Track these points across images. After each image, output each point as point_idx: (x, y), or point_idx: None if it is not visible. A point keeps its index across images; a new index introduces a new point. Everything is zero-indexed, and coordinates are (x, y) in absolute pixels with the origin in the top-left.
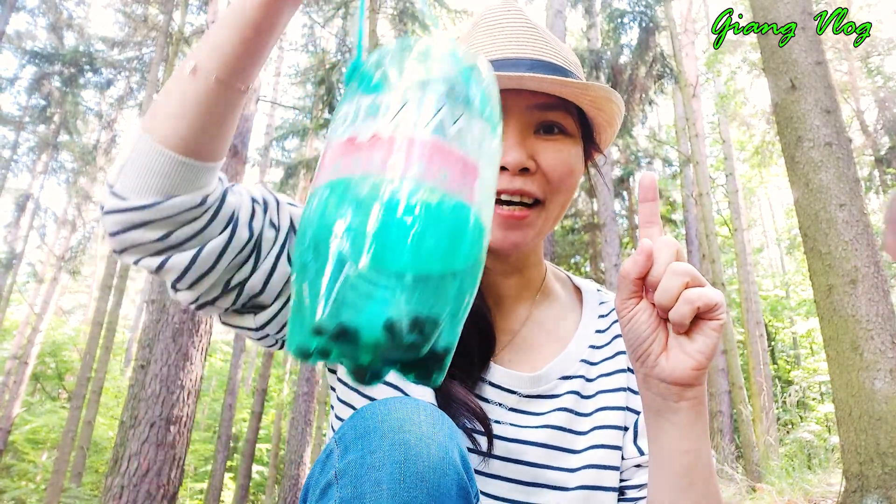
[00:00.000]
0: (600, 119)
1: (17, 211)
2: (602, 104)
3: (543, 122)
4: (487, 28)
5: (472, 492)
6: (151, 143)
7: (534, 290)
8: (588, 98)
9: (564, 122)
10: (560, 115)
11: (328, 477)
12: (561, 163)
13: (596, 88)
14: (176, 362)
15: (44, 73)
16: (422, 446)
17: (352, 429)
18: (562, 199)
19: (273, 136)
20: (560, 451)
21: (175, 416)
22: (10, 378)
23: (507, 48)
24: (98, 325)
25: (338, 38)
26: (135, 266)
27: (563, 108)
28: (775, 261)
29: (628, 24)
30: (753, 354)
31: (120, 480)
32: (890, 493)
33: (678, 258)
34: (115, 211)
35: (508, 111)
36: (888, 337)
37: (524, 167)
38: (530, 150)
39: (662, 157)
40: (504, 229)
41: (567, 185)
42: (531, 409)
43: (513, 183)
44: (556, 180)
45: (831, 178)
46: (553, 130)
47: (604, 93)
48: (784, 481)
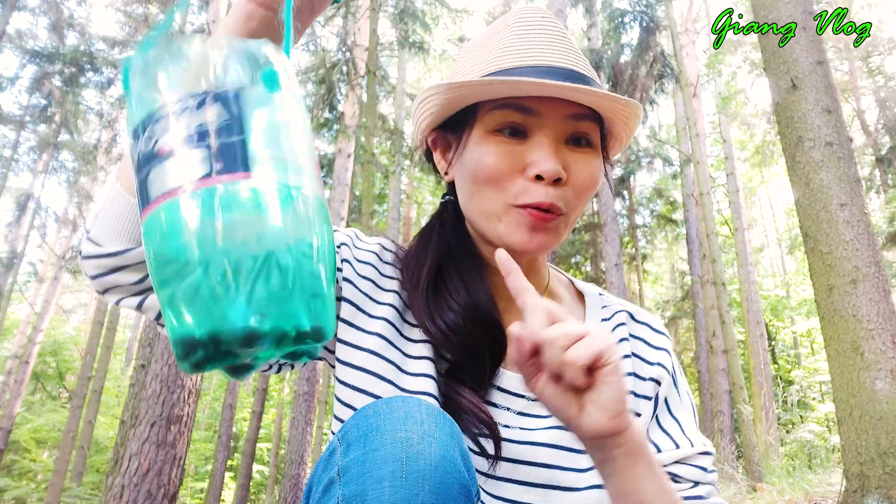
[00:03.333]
0: (622, 133)
1: (18, 210)
2: (633, 121)
3: (575, 133)
4: (522, 32)
5: (473, 490)
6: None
7: (540, 292)
8: (624, 114)
9: (592, 134)
10: (590, 126)
11: (331, 474)
12: (589, 176)
13: (634, 105)
14: (176, 362)
15: (45, 73)
16: (423, 445)
17: (355, 427)
18: (579, 210)
19: None
20: (569, 451)
21: (175, 415)
22: (12, 377)
23: (543, 55)
24: (99, 324)
25: (338, 38)
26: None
27: (592, 119)
28: (776, 260)
29: (629, 23)
30: (754, 354)
31: (120, 480)
32: (891, 494)
33: (551, 320)
34: (92, 256)
35: (544, 119)
36: (889, 337)
37: (558, 177)
38: (563, 160)
39: (663, 157)
40: (530, 231)
41: (588, 197)
42: (539, 411)
43: (548, 195)
44: (581, 193)
45: (832, 177)
46: (582, 143)
47: (637, 110)
48: (785, 481)
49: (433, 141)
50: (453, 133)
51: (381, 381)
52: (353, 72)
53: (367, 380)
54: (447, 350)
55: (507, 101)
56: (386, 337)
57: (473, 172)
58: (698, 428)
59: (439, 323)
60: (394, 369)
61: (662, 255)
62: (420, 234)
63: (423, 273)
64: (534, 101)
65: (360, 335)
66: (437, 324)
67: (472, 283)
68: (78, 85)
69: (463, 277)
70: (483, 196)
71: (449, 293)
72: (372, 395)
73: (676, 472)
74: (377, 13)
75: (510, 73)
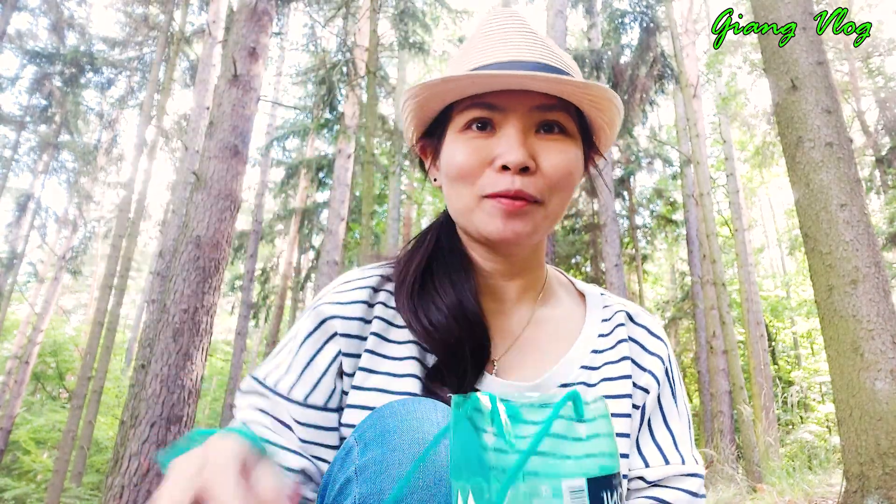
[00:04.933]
0: (600, 121)
1: (18, 210)
2: (602, 104)
3: (544, 121)
4: (489, 33)
5: None
6: None
7: (536, 292)
8: (588, 98)
9: (565, 123)
10: (561, 115)
11: (348, 473)
12: (561, 162)
13: (596, 88)
14: (177, 362)
15: (45, 73)
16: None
17: (371, 427)
18: (559, 198)
19: (274, 136)
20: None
21: (176, 415)
22: (11, 377)
23: (509, 51)
24: (99, 324)
25: (339, 38)
26: None
27: (563, 109)
28: (776, 261)
29: (629, 24)
30: (754, 354)
31: (120, 480)
32: (891, 494)
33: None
34: None
35: (510, 112)
36: (889, 337)
37: (525, 166)
38: (531, 149)
39: (663, 157)
40: (504, 218)
41: (565, 185)
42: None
43: (513, 184)
44: (556, 180)
45: (832, 178)
46: (553, 129)
47: (603, 93)
48: (785, 482)
49: (421, 149)
50: (435, 139)
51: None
52: (353, 72)
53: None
54: (430, 348)
55: (474, 100)
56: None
57: (447, 171)
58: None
59: (423, 320)
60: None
61: (662, 255)
62: (417, 236)
63: (410, 271)
64: (498, 96)
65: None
66: (422, 321)
67: (458, 283)
68: (78, 85)
69: (450, 277)
70: (458, 193)
71: (436, 291)
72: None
73: (663, 497)
74: (377, 14)
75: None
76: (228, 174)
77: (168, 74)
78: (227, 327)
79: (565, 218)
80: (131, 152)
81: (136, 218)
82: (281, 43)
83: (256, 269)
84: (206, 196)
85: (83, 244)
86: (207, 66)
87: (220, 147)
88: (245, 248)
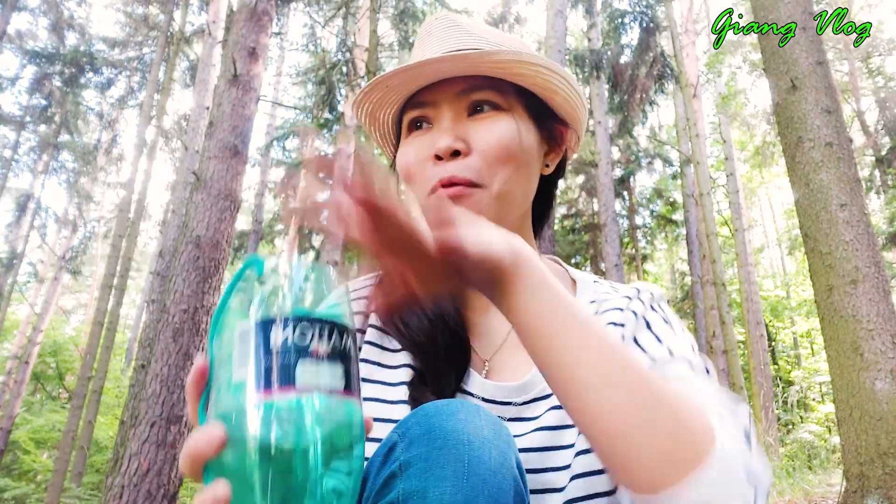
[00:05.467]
0: (536, 89)
1: (18, 211)
2: (520, 70)
3: (471, 105)
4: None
5: (526, 500)
6: None
7: None
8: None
9: (496, 99)
10: (488, 93)
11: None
12: (492, 136)
13: (502, 54)
14: (176, 362)
15: (45, 73)
16: (484, 449)
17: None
18: (503, 175)
19: (274, 136)
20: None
21: (176, 415)
22: (11, 378)
23: (423, 51)
24: (98, 324)
25: (338, 38)
26: None
27: (490, 87)
28: (776, 261)
29: (629, 24)
30: (754, 354)
31: (120, 480)
32: (891, 494)
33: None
34: None
35: (439, 103)
36: (889, 337)
37: (455, 150)
38: (462, 132)
39: (663, 157)
40: None
41: (505, 159)
42: (527, 414)
43: (445, 170)
44: (492, 156)
45: (832, 178)
46: (482, 108)
47: (510, 56)
48: (785, 481)
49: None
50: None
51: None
52: (353, 72)
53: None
54: (413, 354)
55: (408, 103)
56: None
57: (400, 176)
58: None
59: (399, 324)
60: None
61: (662, 255)
62: None
63: None
64: (425, 93)
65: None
66: (398, 325)
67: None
68: (78, 85)
69: None
70: (413, 196)
71: None
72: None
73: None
74: (377, 14)
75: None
76: (228, 174)
77: (168, 74)
78: None
79: (565, 218)
80: (131, 152)
81: (136, 218)
82: (281, 43)
83: None
84: (206, 196)
85: (83, 244)
86: (207, 66)
87: (220, 147)
88: (245, 248)
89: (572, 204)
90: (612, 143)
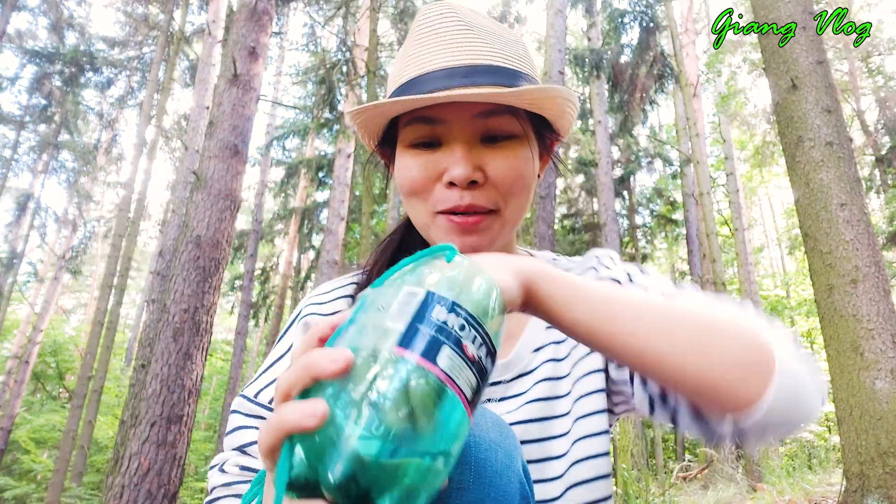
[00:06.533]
0: (548, 115)
1: (18, 210)
2: (543, 104)
3: (487, 131)
4: (421, 37)
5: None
6: None
7: None
8: (526, 101)
9: (509, 127)
10: (504, 119)
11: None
12: (509, 169)
13: (532, 92)
14: (177, 362)
15: (45, 73)
16: (490, 452)
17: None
18: (515, 203)
19: (274, 136)
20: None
21: (176, 415)
22: (12, 377)
23: (441, 56)
24: (99, 324)
25: (338, 38)
26: None
27: (506, 111)
28: (776, 260)
29: (629, 23)
30: None
31: (121, 480)
32: (891, 493)
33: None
34: None
35: (451, 124)
36: (889, 337)
37: (472, 180)
38: (477, 160)
39: (663, 157)
40: (461, 235)
41: (519, 190)
42: (514, 391)
43: (463, 199)
44: (507, 188)
45: (832, 177)
46: (498, 139)
47: (541, 93)
48: (785, 481)
49: (382, 154)
50: (389, 149)
51: None
52: (353, 72)
53: None
54: None
55: (414, 114)
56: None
57: (400, 187)
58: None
59: None
60: None
61: (662, 255)
62: (381, 242)
63: (375, 274)
64: (438, 109)
65: None
66: None
67: None
68: (78, 85)
69: None
70: (413, 208)
71: None
72: None
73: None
74: (377, 13)
75: (412, 83)
76: (228, 174)
77: (168, 74)
78: (227, 327)
79: (565, 217)
80: (131, 152)
81: (136, 218)
82: (281, 43)
83: (256, 268)
84: (206, 196)
85: (83, 244)
86: (207, 65)
87: (219, 147)
88: (245, 248)
89: (572, 203)
90: (612, 142)
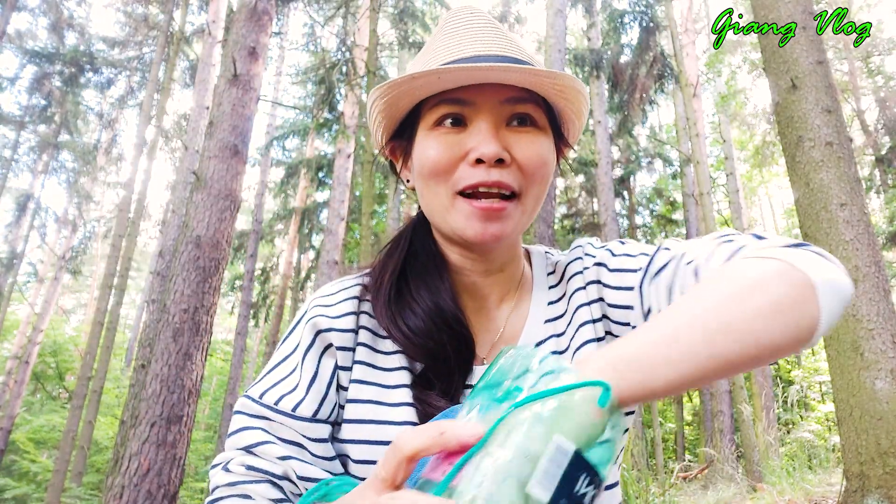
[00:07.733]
0: (568, 111)
1: (18, 210)
2: (570, 94)
3: (515, 114)
4: (451, 31)
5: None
6: None
7: (516, 283)
8: (556, 88)
9: (535, 115)
10: (530, 107)
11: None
12: (534, 154)
13: (563, 77)
14: (177, 362)
15: (44, 73)
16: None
17: None
18: (536, 190)
19: (274, 136)
20: None
21: (176, 415)
22: (11, 377)
23: (475, 46)
24: (99, 324)
25: (338, 38)
26: None
27: (532, 101)
28: None
29: (629, 23)
30: None
31: (121, 480)
32: (891, 493)
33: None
34: None
35: (479, 106)
36: (889, 337)
37: (500, 158)
38: (504, 142)
39: (663, 157)
40: (483, 221)
41: (541, 177)
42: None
43: (490, 175)
44: (531, 171)
45: (832, 177)
46: (525, 122)
47: (571, 82)
48: (785, 481)
49: (391, 151)
50: (405, 140)
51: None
52: (352, 72)
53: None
54: (413, 355)
55: (443, 96)
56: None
57: (420, 169)
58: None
59: (402, 327)
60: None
61: None
62: (390, 241)
63: (385, 278)
64: (467, 91)
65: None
66: (401, 328)
67: (434, 285)
68: (78, 85)
69: (426, 280)
70: (432, 191)
71: (412, 297)
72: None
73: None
74: (377, 13)
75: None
76: (228, 174)
77: (168, 74)
78: (227, 327)
79: (565, 217)
80: (131, 152)
81: (136, 218)
82: (281, 43)
83: (256, 268)
84: (205, 196)
85: (83, 244)
86: (207, 65)
87: (219, 147)
88: (245, 248)
89: (572, 203)
90: (612, 142)
